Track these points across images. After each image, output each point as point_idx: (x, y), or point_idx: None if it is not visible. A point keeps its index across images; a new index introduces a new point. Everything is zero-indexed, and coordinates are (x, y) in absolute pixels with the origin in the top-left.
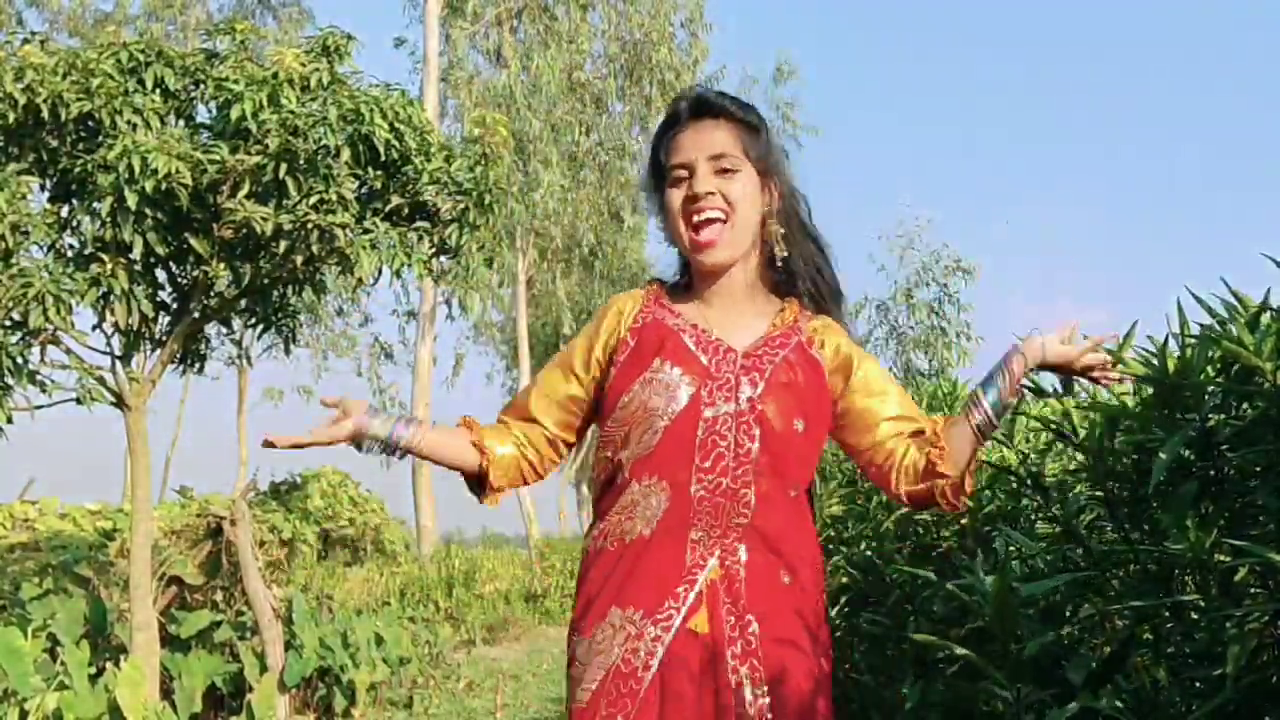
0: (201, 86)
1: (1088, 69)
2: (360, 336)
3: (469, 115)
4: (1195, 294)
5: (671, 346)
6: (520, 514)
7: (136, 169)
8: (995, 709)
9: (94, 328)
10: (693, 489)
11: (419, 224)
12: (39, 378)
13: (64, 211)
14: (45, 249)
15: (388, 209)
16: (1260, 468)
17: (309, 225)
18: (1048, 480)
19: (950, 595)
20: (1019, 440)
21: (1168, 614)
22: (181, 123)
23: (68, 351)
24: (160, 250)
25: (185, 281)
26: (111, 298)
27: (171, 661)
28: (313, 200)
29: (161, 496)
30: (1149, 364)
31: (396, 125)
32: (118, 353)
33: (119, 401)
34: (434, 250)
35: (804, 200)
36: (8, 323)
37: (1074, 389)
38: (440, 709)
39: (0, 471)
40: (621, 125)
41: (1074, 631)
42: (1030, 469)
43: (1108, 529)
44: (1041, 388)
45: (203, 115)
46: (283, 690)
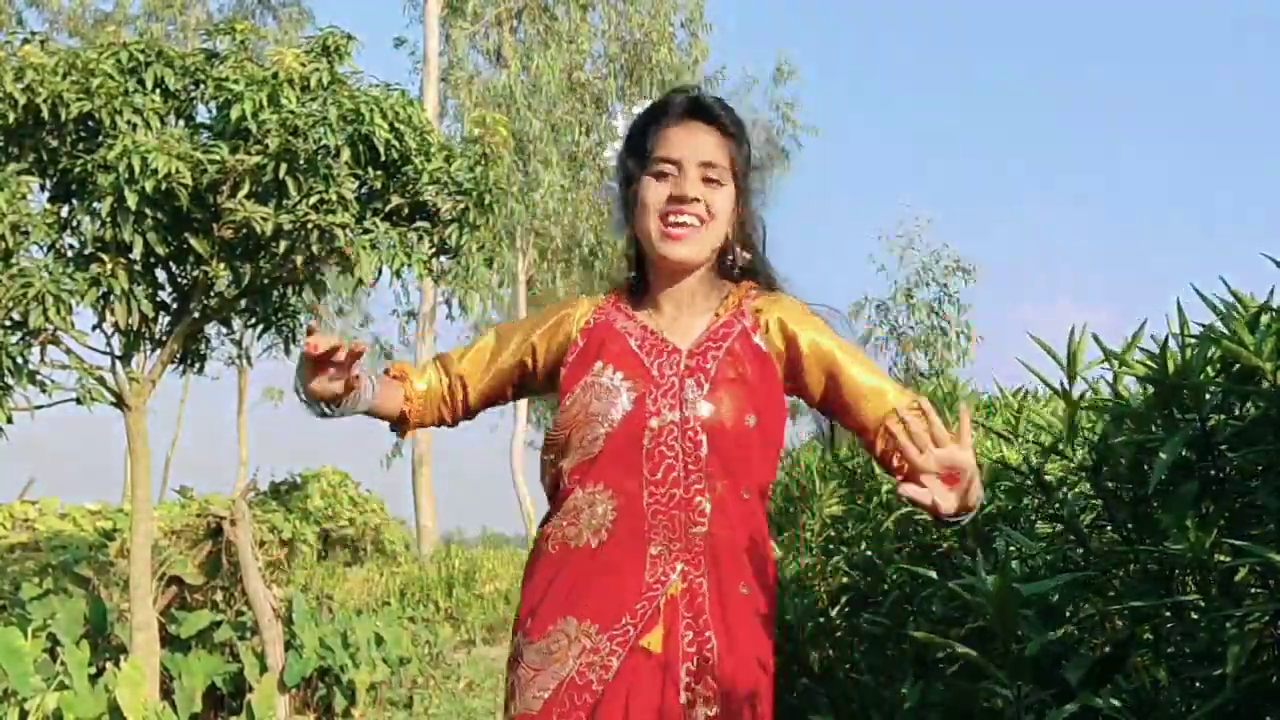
0: (201, 86)
1: (1088, 68)
2: (360, 336)
3: (469, 115)
4: (1201, 292)
5: (615, 349)
6: (520, 514)
7: (136, 169)
8: (995, 708)
9: (94, 328)
10: (645, 501)
11: (419, 224)
12: (39, 378)
13: (64, 211)
14: (45, 249)
15: (388, 209)
16: (1260, 468)
17: (309, 225)
18: (1048, 480)
19: (951, 595)
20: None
21: (1168, 614)
22: (181, 123)
23: (68, 351)
24: (160, 250)
25: (185, 281)
26: (111, 298)
27: (171, 661)
28: (313, 200)
29: (161, 496)
30: (1149, 364)
31: (396, 125)
32: (118, 353)
33: (119, 401)
34: (434, 250)
35: (763, 226)
36: (8, 323)
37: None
38: (440, 709)
39: (0, 471)
40: (621, 125)
41: (1074, 631)
42: (1032, 468)
43: (1108, 529)
44: (1049, 384)
45: (203, 115)
46: (283, 690)
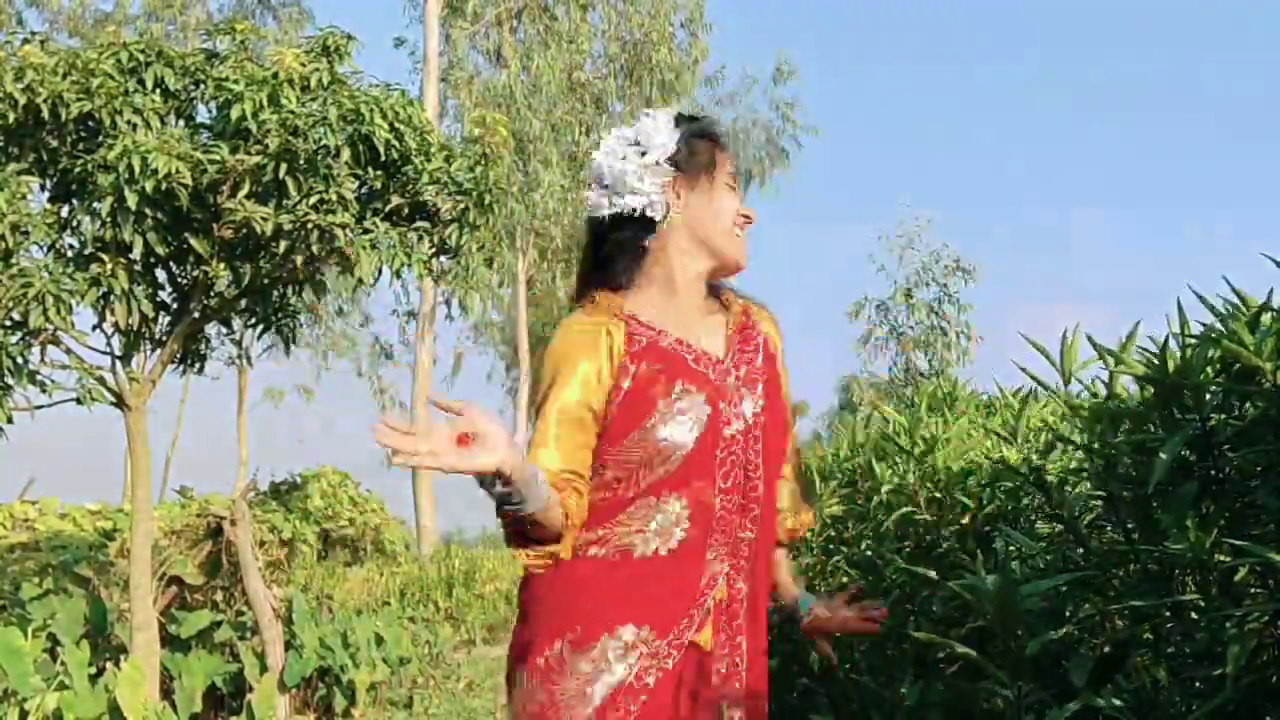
0: (201, 86)
1: (1089, 67)
2: (360, 336)
3: (469, 115)
4: (1199, 294)
5: (679, 368)
6: None
7: (136, 169)
8: (995, 708)
9: (94, 328)
10: (716, 508)
11: (419, 224)
12: (39, 378)
13: (64, 211)
14: (45, 249)
15: (388, 209)
16: (1260, 468)
17: (309, 225)
18: (1049, 479)
19: (951, 595)
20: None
21: (1168, 614)
22: (181, 123)
23: (68, 351)
24: (160, 250)
25: (185, 281)
26: (111, 298)
27: (171, 661)
28: (313, 200)
29: (161, 496)
30: (1149, 364)
31: (396, 125)
32: (118, 353)
33: (119, 401)
34: (434, 250)
35: None
36: (8, 323)
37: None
38: (440, 709)
39: (0, 471)
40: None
41: (1074, 631)
42: (1032, 467)
43: (1108, 529)
44: (1044, 384)
45: (203, 115)
46: (283, 690)
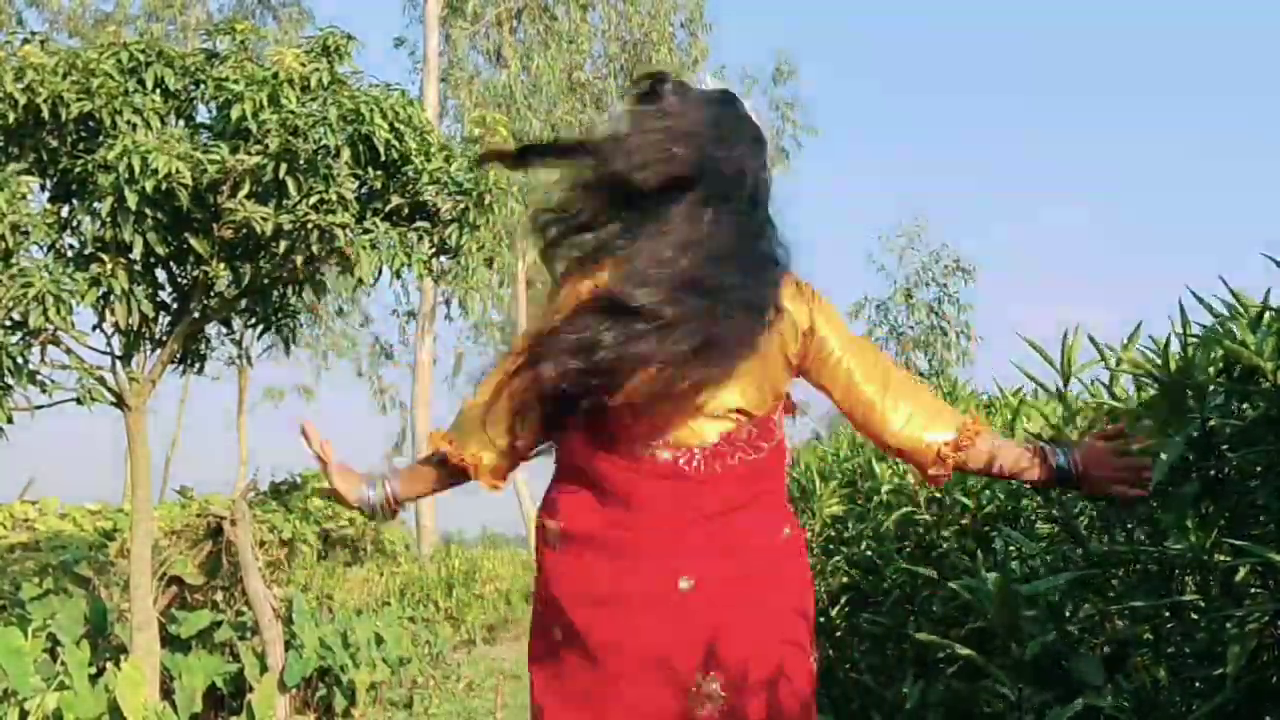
0: (202, 86)
1: (1088, 66)
2: (360, 336)
3: (469, 115)
4: (1198, 295)
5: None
6: (520, 514)
7: (136, 169)
8: (996, 709)
9: (94, 328)
10: None
11: (419, 224)
12: (39, 378)
13: (64, 211)
14: (45, 249)
15: (388, 209)
16: (1261, 468)
17: (309, 225)
18: None
19: (951, 595)
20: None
21: (1168, 614)
22: (182, 123)
23: (68, 351)
24: (160, 250)
25: (185, 281)
26: (111, 298)
27: (172, 661)
28: (313, 200)
29: (161, 496)
30: (1150, 364)
31: (396, 125)
32: (118, 353)
33: (119, 401)
34: (434, 250)
35: None
36: (8, 323)
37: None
38: (440, 709)
39: (0, 471)
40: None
41: (1074, 631)
42: None
43: (1108, 529)
44: (1044, 386)
45: (203, 115)
46: (283, 690)
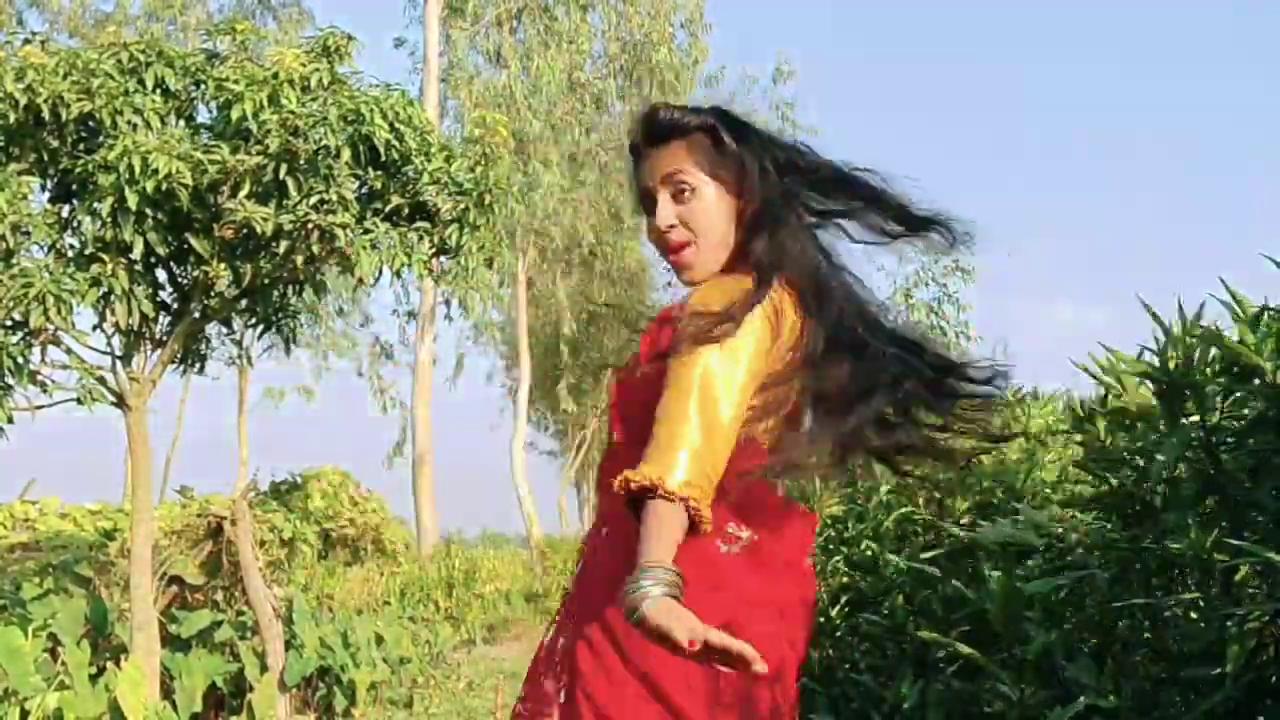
0: (202, 87)
1: (1089, 66)
2: (360, 336)
3: (469, 115)
4: (1219, 295)
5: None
6: (521, 514)
7: (137, 169)
8: (996, 708)
9: (94, 328)
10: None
11: (419, 224)
12: (39, 378)
13: (64, 211)
14: (46, 249)
15: (388, 209)
16: (1260, 467)
17: (309, 225)
18: (1048, 479)
19: (951, 594)
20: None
21: (1168, 613)
22: (182, 123)
23: (68, 351)
24: (161, 250)
25: (185, 281)
26: (112, 298)
27: (172, 661)
28: (313, 200)
29: (162, 496)
30: (1151, 364)
31: (397, 125)
32: (118, 353)
33: (119, 401)
34: (434, 250)
35: (786, 195)
36: (8, 323)
37: None
38: (440, 709)
39: (0, 471)
40: (621, 125)
41: (1074, 631)
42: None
43: (1109, 528)
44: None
45: (203, 115)
46: (283, 690)
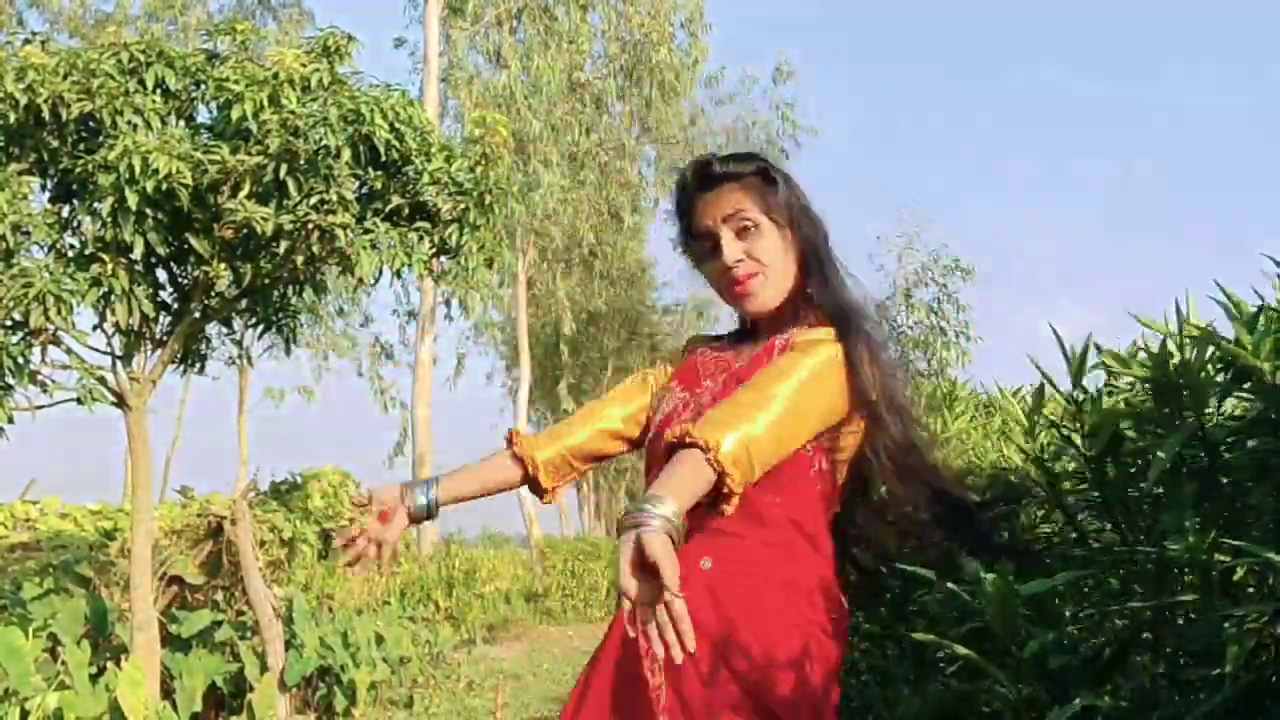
0: (202, 87)
1: (1090, 66)
2: (360, 336)
3: (469, 115)
4: (1227, 293)
5: (685, 369)
6: (520, 514)
7: (137, 169)
8: (995, 709)
9: (94, 328)
10: None
11: (419, 224)
12: (39, 378)
13: (65, 211)
14: (46, 249)
15: (388, 209)
16: (1259, 468)
17: (309, 225)
18: (1054, 474)
19: (950, 595)
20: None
21: (1166, 614)
22: (182, 123)
23: (68, 351)
24: (161, 250)
25: (186, 281)
26: (112, 298)
27: (172, 661)
28: (313, 200)
29: (162, 496)
30: (1148, 365)
31: (397, 125)
32: (118, 353)
33: (119, 401)
34: (434, 250)
35: (824, 236)
36: (8, 323)
37: None
38: (440, 709)
39: (0, 471)
40: (621, 125)
41: (1074, 631)
42: (1041, 465)
43: (1108, 529)
44: (1053, 383)
45: (203, 116)
46: (283, 690)
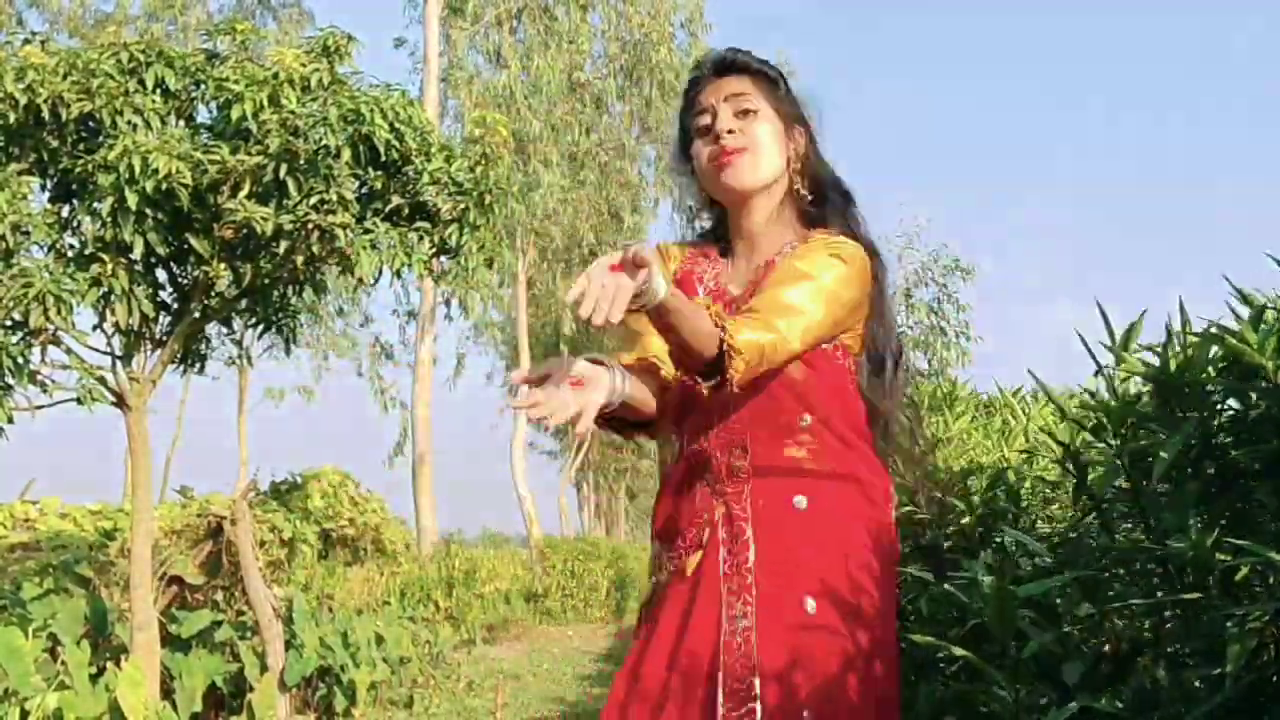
0: (202, 87)
1: (1090, 65)
2: (360, 336)
3: (469, 115)
4: (1234, 294)
5: (681, 284)
6: (520, 514)
7: (137, 169)
8: (994, 710)
9: (94, 328)
10: (686, 444)
11: (419, 224)
12: (39, 378)
13: (64, 211)
14: (46, 249)
15: (388, 209)
16: (1262, 466)
17: (309, 225)
18: (1048, 478)
19: (949, 595)
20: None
21: (1168, 613)
22: (182, 123)
23: (68, 351)
24: (161, 250)
25: (186, 281)
26: (112, 298)
27: (172, 661)
28: (313, 200)
29: (162, 496)
30: (1151, 363)
31: (397, 125)
32: (118, 353)
33: (119, 401)
34: (434, 250)
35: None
36: (8, 323)
37: None
38: (440, 709)
39: (0, 471)
40: (621, 125)
41: (1074, 631)
42: (1071, 455)
43: (1108, 528)
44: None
45: (203, 115)
46: (283, 690)
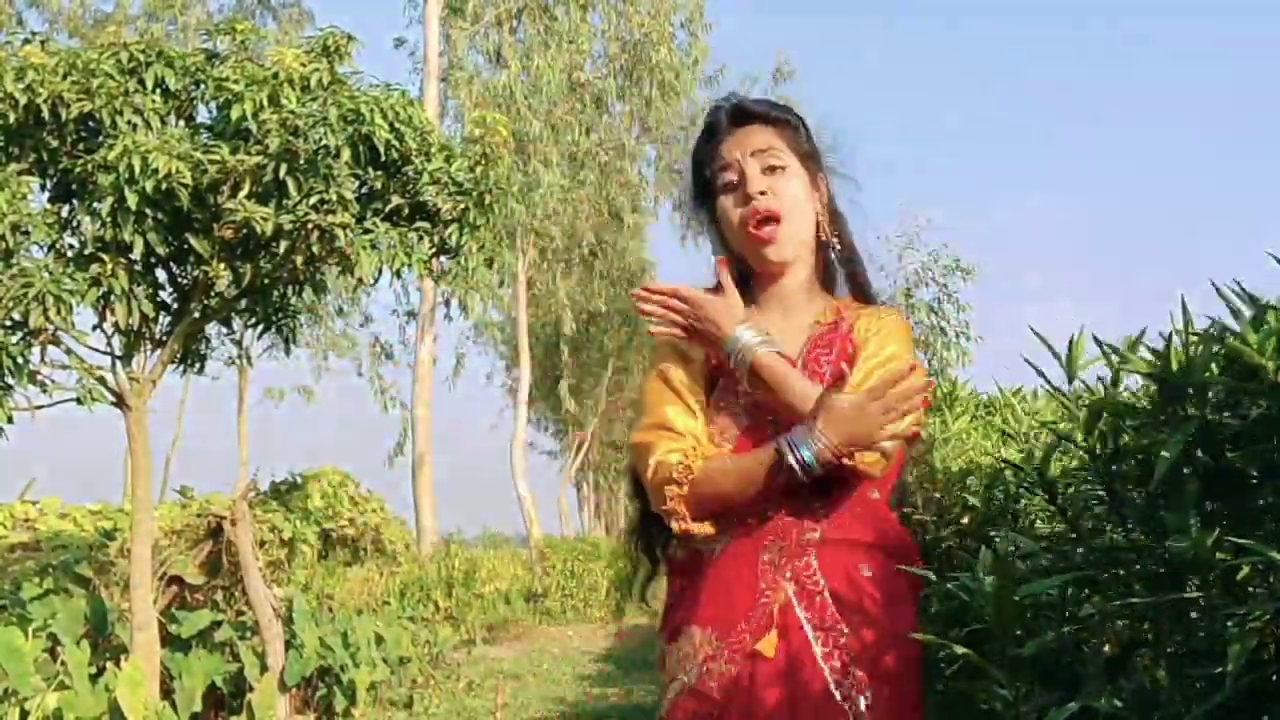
0: (202, 87)
1: (1090, 66)
2: (360, 336)
3: (469, 115)
4: (1223, 289)
5: (727, 371)
6: (520, 514)
7: (137, 169)
8: (994, 709)
9: (94, 328)
10: (737, 519)
11: (419, 224)
12: (39, 378)
13: (64, 211)
14: (45, 249)
15: (388, 209)
16: (1264, 467)
17: (309, 225)
18: (1050, 478)
19: (949, 595)
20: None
21: (1169, 613)
22: (182, 123)
23: (68, 351)
24: (161, 250)
25: (185, 281)
26: (112, 298)
27: (172, 661)
28: (313, 200)
29: (162, 496)
30: (1152, 362)
31: (397, 125)
32: (118, 353)
33: (119, 401)
34: (434, 250)
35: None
36: (8, 323)
37: None
38: (440, 709)
39: (0, 471)
40: (621, 125)
41: (1074, 631)
42: (1035, 466)
43: (1109, 528)
44: (1049, 381)
45: (203, 115)
46: (283, 690)
